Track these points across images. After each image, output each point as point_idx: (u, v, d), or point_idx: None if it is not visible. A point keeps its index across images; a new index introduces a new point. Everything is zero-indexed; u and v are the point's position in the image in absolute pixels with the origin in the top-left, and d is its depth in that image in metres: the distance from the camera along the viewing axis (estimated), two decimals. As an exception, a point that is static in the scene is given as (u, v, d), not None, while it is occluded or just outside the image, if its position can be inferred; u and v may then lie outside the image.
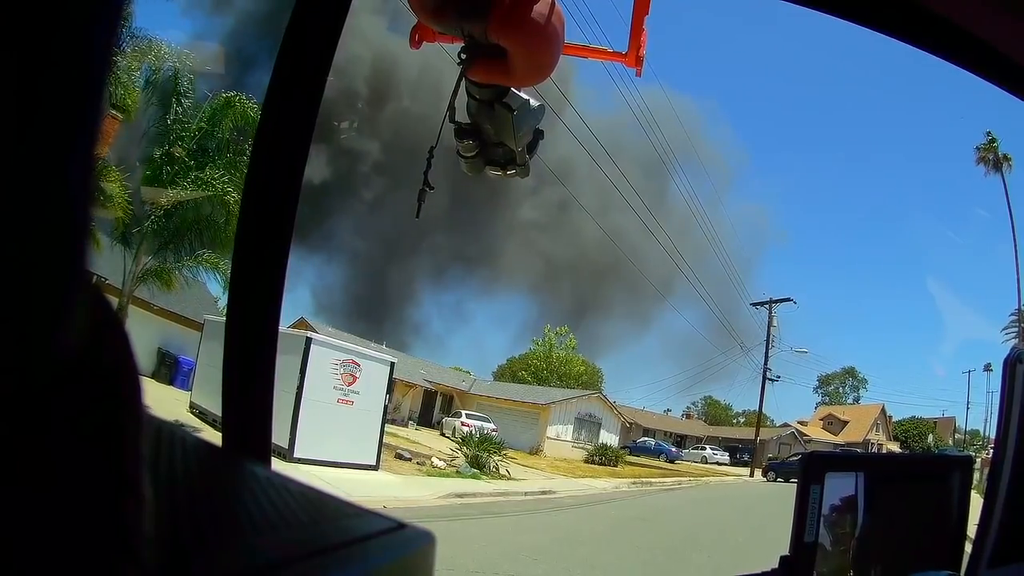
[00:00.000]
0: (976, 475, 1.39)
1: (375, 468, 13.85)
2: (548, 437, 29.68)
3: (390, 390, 15.43)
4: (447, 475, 15.42)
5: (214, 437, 0.90)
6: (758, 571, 0.95)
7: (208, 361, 15.07)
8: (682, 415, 55.77)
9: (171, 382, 19.74)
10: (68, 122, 0.22)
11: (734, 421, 58.67)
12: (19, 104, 0.21)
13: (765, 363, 36.50)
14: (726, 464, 40.42)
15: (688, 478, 27.29)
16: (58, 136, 0.22)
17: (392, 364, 15.38)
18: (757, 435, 37.33)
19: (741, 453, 42.42)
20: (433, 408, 33.20)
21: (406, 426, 27.93)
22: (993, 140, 33.76)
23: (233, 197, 12.62)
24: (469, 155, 1.10)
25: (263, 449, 0.97)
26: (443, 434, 27.08)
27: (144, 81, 12.92)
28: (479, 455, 17.21)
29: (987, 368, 37.25)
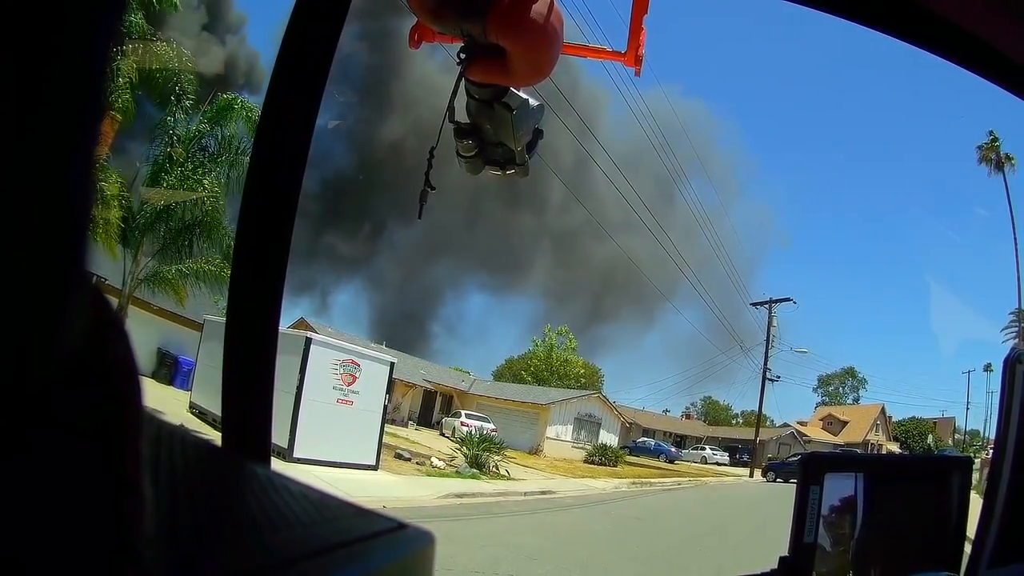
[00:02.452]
0: (976, 475, 1.39)
1: (375, 468, 13.84)
2: (548, 437, 29.67)
3: (390, 390, 15.43)
4: (447, 475, 15.41)
5: (214, 437, 0.90)
6: (757, 571, 0.95)
7: (208, 361, 15.06)
8: (681, 415, 55.79)
9: (171, 382, 19.73)
10: (68, 122, 0.22)
11: (733, 421, 58.67)
12: (20, 104, 0.21)
13: (765, 363, 36.52)
14: (725, 464, 40.39)
15: (687, 478, 27.29)
16: (58, 136, 0.22)
17: (392, 364, 15.38)
18: (757, 435, 37.32)
19: (741, 453, 42.42)
20: (433, 408, 33.18)
21: (406, 426, 27.92)
22: (995, 139, 33.75)
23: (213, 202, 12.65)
24: (468, 155, 1.09)
25: (263, 449, 0.97)
26: (443, 434, 27.07)
27: (144, 81, 12.90)
28: (479, 455, 17.20)
29: (987, 368, 37.29)
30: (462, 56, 0.97)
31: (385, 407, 14.86)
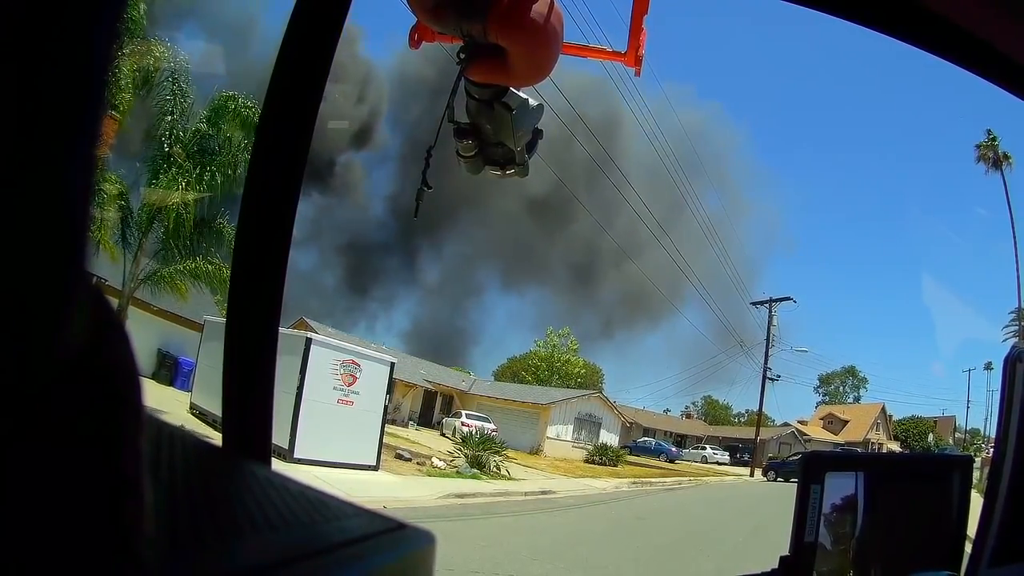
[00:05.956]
0: (976, 474, 1.39)
1: (375, 468, 13.83)
2: (548, 437, 29.66)
3: (390, 390, 15.42)
4: (447, 475, 15.41)
5: (214, 438, 0.90)
6: (758, 571, 0.95)
7: (208, 362, 15.06)
8: (682, 415, 55.78)
9: (171, 383, 19.72)
10: (68, 122, 0.22)
11: (734, 421, 58.68)
12: (20, 104, 0.21)
13: (765, 362, 36.53)
14: (726, 464, 40.41)
15: (688, 478, 27.29)
16: (58, 136, 0.22)
17: (392, 364, 15.37)
18: (757, 435, 37.31)
19: (741, 453, 42.40)
20: (433, 408, 33.17)
21: (406, 426, 27.91)
22: (994, 138, 33.76)
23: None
24: (468, 155, 1.10)
25: (263, 449, 0.96)
26: (443, 434, 27.06)
27: (143, 81, 12.88)
28: (479, 455, 17.20)
29: (987, 367, 37.26)
30: (462, 56, 0.97)
31: (385, 407, 14.85)
